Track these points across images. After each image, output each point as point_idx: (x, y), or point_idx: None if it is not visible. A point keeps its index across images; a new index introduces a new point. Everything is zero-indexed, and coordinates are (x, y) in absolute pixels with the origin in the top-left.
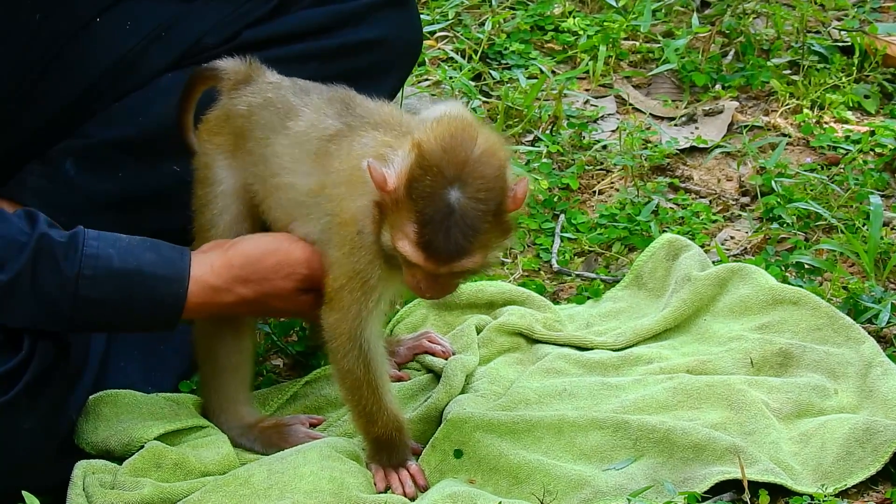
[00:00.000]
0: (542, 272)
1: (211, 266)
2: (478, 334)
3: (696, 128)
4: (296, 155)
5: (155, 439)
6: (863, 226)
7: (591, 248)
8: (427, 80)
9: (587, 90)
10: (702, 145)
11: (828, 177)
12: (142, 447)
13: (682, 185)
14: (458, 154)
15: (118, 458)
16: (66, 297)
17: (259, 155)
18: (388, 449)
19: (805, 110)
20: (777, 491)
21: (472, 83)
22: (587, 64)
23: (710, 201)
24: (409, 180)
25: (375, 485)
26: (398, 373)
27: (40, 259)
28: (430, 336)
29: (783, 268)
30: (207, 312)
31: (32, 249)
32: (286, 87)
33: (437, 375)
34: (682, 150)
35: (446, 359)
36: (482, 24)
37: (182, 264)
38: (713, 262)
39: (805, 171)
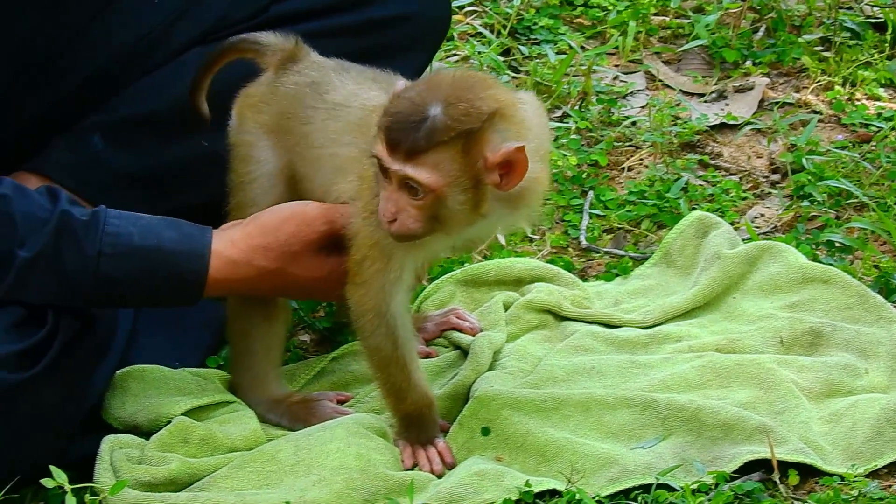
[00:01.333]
0: (570, 249)
1: (231, 240)
2: (505, 311)
3: (727, 104)
4: (339, 127)
5: (182, 415)
6: (894, 204)
7: (619, 225)
8: (455, 55)
9: (616, 66)
10: (732, 122)
11: (859, 154)
12: (169, 422)
13: (712, 162)
14: (460, 86)
15: (145, 433)
16: (88, 275)
17: (302, 133)
18: (416, 426)
19: (836, 87)
20: (807, 471)
21: (501, 58)
22: (617, 39)
23: (740, 178)
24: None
25: (403, 462)
26: (426, 349)
27: (62, 236)
28: (458, 312)
29: (814, 246)
30: (230, 288)
31: (54, 227)
32: (329, 67)
33: (464, 352)
34: (712, 127)
35: (474, 335)
36: None
37: (203, 240)
38: (743, 240)
39: (836, 148)
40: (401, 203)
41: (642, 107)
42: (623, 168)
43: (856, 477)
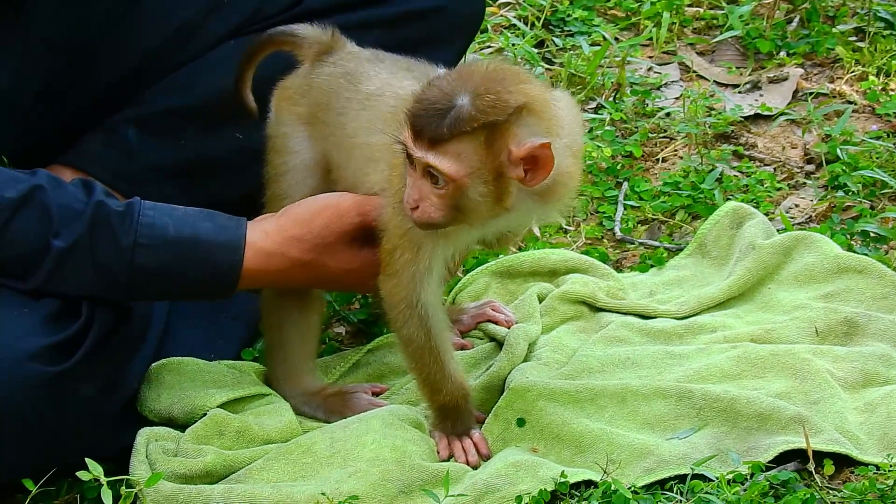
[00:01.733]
0: (605, 240)
1: (265, 232)
2: (540, 303)
3: (761, 95)
4: (372, 116)
5: (218, 407)
6: None
7: (654, 216)
8: (489, 47)
9: (650, 57)
10: (766, 113)
11: (893, 144)
12: (204, 415)
13: (747, 152)
14: (491, 78)
15: (181, 425)
16: (123, 266)
17: (337, 123)
18: (452, 417)
19: (871, 77)
20: (842, 461)
21: (535, 50)
22: (651, 31)
23: (775, 169)
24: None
25: (438, 453)
26: (461, 341)
27: (97, 227)
28: (494, 305)
29: (848, 236)
30: (264, 279)
31: (90, 217)
32: (364, 57)
33: (499, 344)
34: (747, 118)
35: (509, 328)
36: None
37: (238, 232)
38: (777, 231)
39: (870, 138)
40: (424, 191)
41: (676, 98)
42: (657, 159)
43: (891, 466)
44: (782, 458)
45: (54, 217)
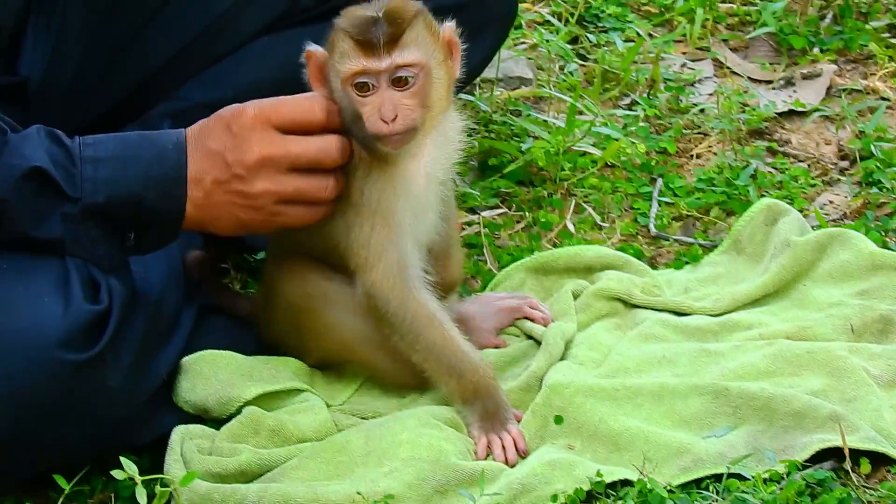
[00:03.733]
0: (639, 237)
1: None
2: (574, 300)
3: (795, 91)
4: None
5: (253, 400)
6: None
7: (688, 213)
8: (523, 43)
9: (684, 53)
10: (800, 109)
11: None
12: (240, 408)
13: (781, 148)
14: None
15: (215, 417)
16: (73, 159)
17: None
18: (487, 405)
19: None
20: (878, 459)
21: (569, 46)
22: (684, 27)
23: (809, 165)
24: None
25: (476, 452)
26: (496, 339)
27: (42, 131)
28: (531, 302)
29: (883, 233)
30: (206, 161)
31: (34, 127)
32: None
33: (536, 342)
34: (781, 114)
35: (545, 325)
36: None
37: (178, 130)
38: (812, 227)
39: None
40: (395, 100)
41: (710, 94)
42: (692, 155)
43: None
44: (818, 457)
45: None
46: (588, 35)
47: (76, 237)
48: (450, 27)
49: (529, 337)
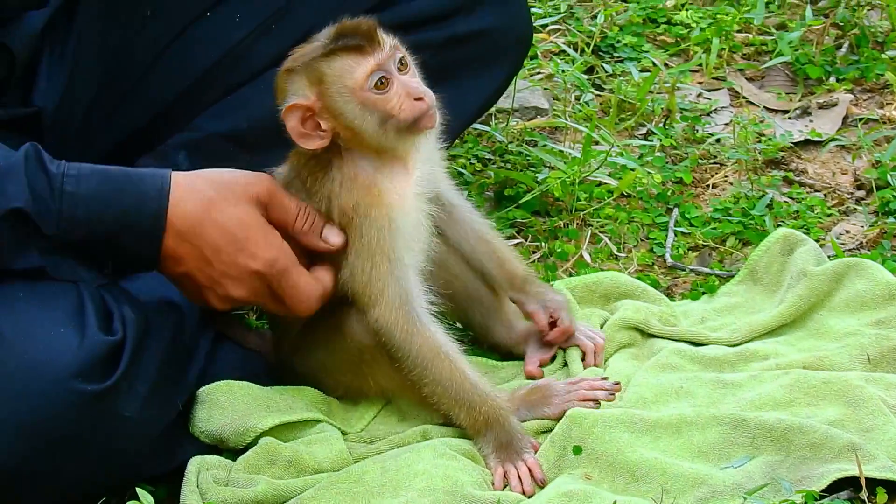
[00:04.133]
0: (655, 267)
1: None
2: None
3: (811, 121)
4: None
5: (269, 430)
6: None
7: (705, 243)
8: (539, 73)
9: (700, 83)
10: (816, 138)
11: None
12: (256, 438)
13: (797, 178)
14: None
15: (231, 447)
16: (54, 193)
17: None
18: (501, 436)
19: None
20: (894, 488)
21: (585, 76)
22: (700, 57)
23: (825, 195)
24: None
25: (494, 483)
26: (539, 364)
27: (30, 158)
28: (591, 333)
29: None
30: (188, 219)
31: (24, 150)
32: None
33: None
34: (797, 144)
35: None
36: (594, 17)
37: (163, 170)
38: (828, 257)
39: None
40: (412, 82)
41: (726, 124)
42: (708, 185)
43: None
44: (835, 487)
45: None
46: (604, 65)
47: (56, 265)
48: None
49: (565, 364)
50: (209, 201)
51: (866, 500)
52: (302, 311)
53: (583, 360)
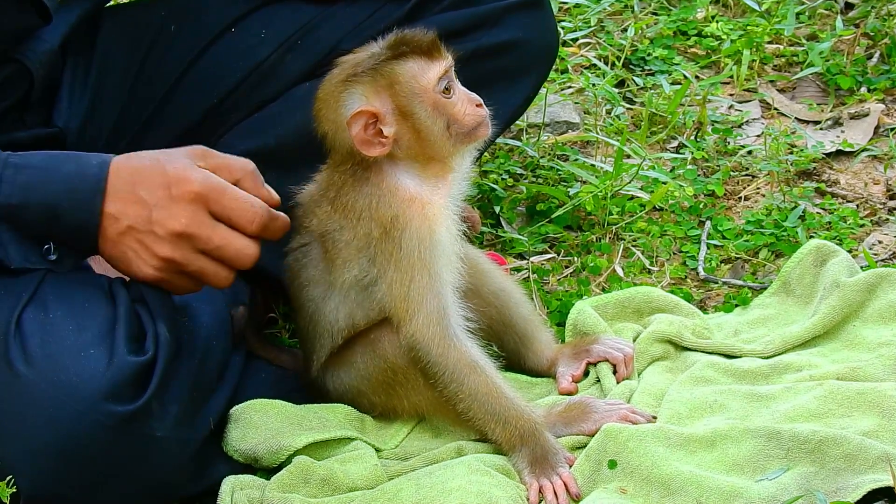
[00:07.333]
0: (688, 280)
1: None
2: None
3: (842, 131)
4: None
5: (303, 449)
6: None
7: (737, 255)
8: (570, 87)
9: (731, 95)
10: (848, 149)
11: None
12: (290, 457)
13: (829, 189)
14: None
15: (265, 466)
16: None
17: None
18: (536, 451)
19: None
20: None
21: (616, 90)
22: (731, 69)
23: (858, 206)
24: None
25: (529, 499)
26: (572, 382)
27: None
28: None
29: None
30: (125, 186)
31: None
32: None
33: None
34: (828, 155)
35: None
36: (625, 31)
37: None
38: (861, 268)
39: None
40: (471, 95)
41: (758, 135)
42: (740, 197)
43: None
44: (870, 497)
45: None
46: (635, 78)
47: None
48: None
49: (598, 380)
50: (149, 158)
51: None
52: (252, 229)
53: (614, 373)
